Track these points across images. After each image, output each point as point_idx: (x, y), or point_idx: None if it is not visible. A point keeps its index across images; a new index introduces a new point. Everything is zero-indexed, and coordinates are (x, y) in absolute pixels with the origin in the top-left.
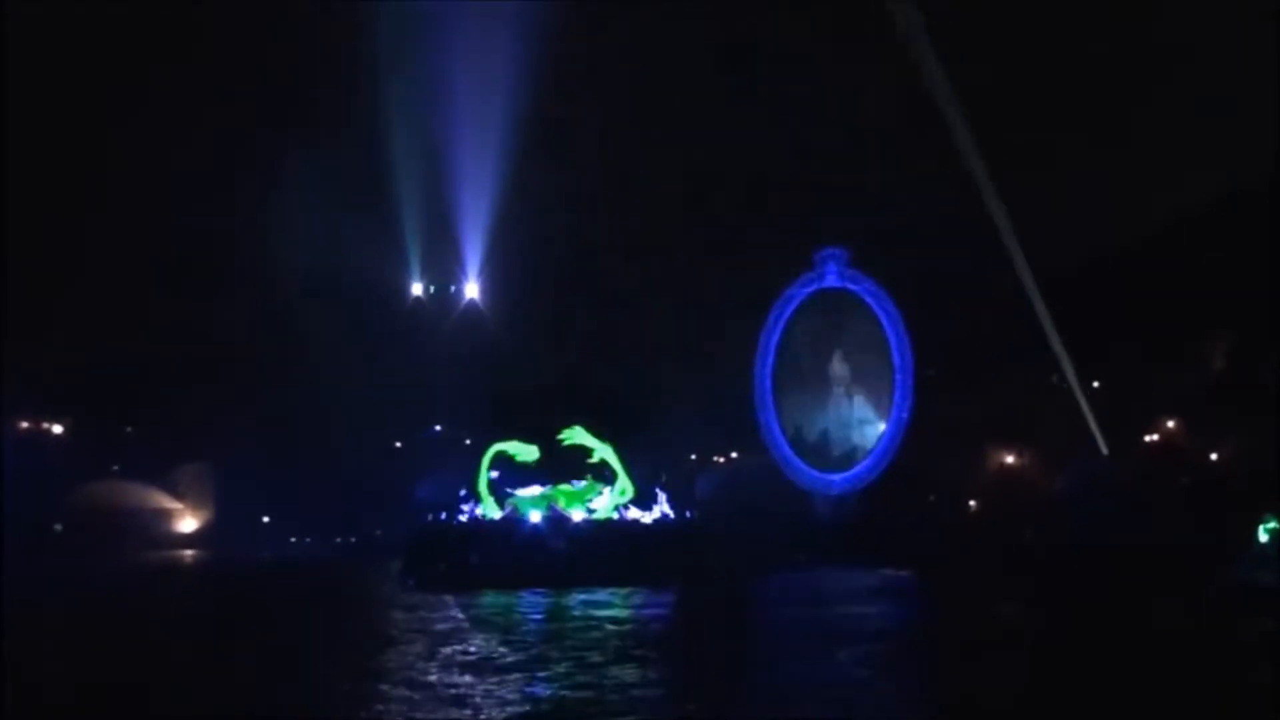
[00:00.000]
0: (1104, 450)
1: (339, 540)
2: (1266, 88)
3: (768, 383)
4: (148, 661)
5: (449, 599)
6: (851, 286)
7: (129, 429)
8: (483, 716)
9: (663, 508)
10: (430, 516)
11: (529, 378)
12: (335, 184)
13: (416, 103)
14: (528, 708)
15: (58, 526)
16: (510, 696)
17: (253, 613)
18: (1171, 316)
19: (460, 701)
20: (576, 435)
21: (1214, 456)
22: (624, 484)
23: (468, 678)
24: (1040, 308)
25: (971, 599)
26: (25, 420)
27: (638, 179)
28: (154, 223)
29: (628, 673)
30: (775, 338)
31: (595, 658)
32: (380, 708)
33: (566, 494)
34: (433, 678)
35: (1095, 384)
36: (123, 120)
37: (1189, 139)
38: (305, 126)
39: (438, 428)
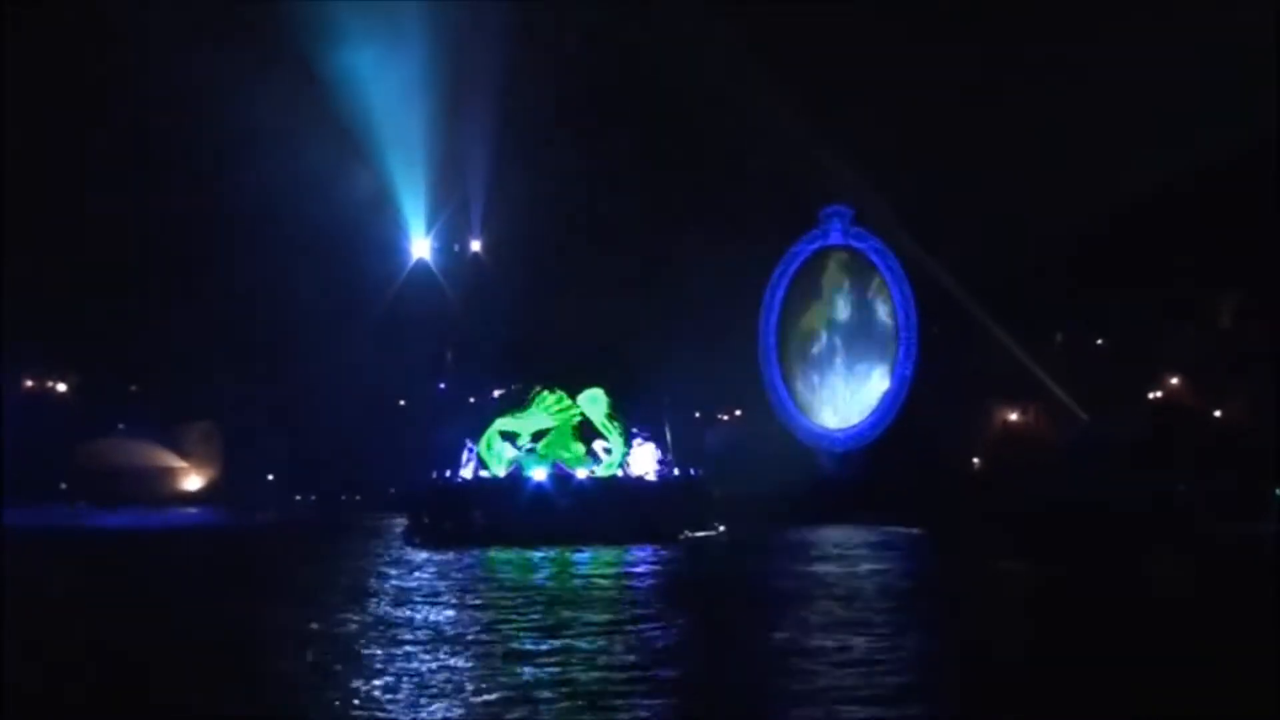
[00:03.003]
0: (1108, 408)
1: (343, 498)
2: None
3: (772, 340)
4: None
5: (452, 556)
6: (856, 244)
7: (133, 387)
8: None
9: (646, 461)
10: (435, 474)
11: (532, 335)
12: (336, 141)
13: (414, 61)
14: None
15: (63, 485)
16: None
17: (249, 570)
18: (1178, 274)
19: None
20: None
21: (1218, 414)
22: (616, 456)
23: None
24: (1045, 264)
25: (977, 554)
26: (30, 378)
27: (642, 134)
28: (152, 179)
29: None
30: (779, 295)
31: (594, 614)
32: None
33: (545, 445)
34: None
35: (1100, 341)
36: (112, 69)
37: (1196, 94)
38: (302, 84)
39: (442, 385)
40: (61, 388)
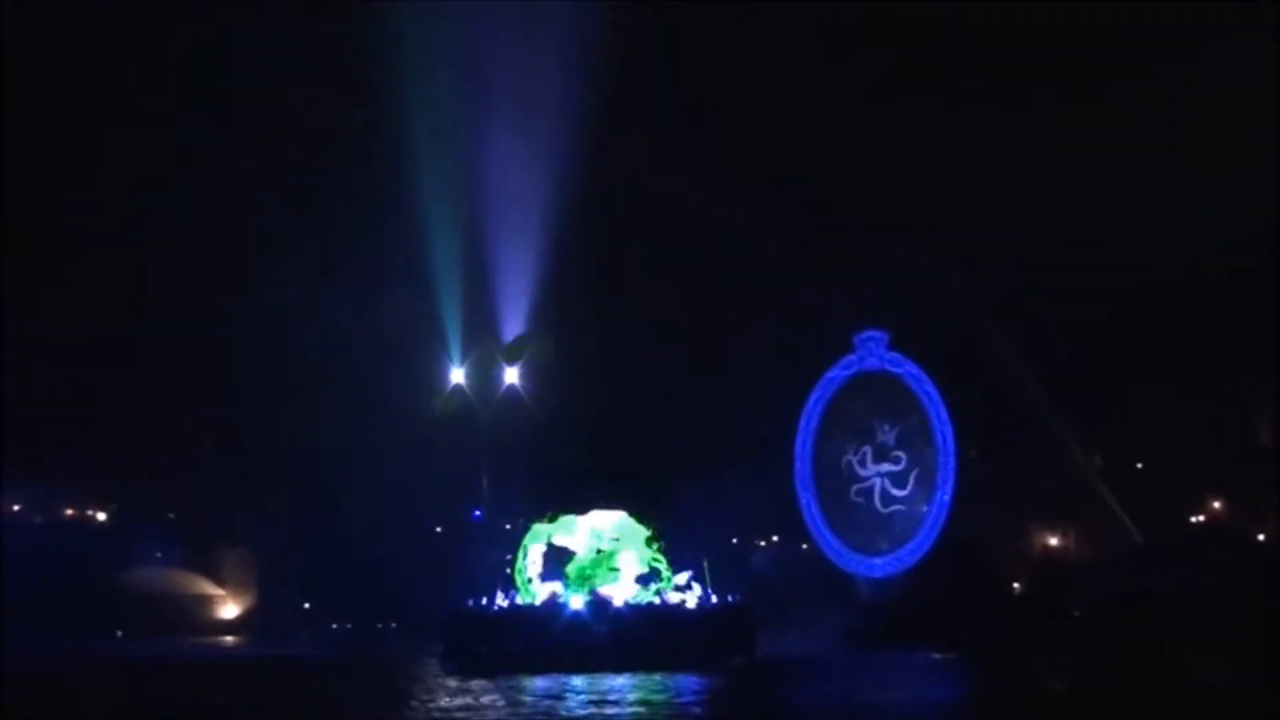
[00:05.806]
0: (1149, 530)
1: (379, 626)
2: None
3: (808, 466)
4: None
5: (487, 683)
6: (892, 369)
7: (171, 515)
8: None
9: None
10: (470, 602)
11: (568, 463)
12: (372, 270)
13: (454, 190)
14: None
15: (103, 614)
16: None
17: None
18: (1216, 394)
19: None
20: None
21: (1261, 537)
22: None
23: None
24: (1082, 385)
25: (1020, 678)
26: (70, 508)
27: (677, 260)
28: (189, 312)
29: None
30: (815, 421)
31: None
32: None
33: (577, 570)
34: None
35: (1139, 465)
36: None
37: (1201, 210)
38: (346, 212)
39: (477, 513)
40: (101, 517)
